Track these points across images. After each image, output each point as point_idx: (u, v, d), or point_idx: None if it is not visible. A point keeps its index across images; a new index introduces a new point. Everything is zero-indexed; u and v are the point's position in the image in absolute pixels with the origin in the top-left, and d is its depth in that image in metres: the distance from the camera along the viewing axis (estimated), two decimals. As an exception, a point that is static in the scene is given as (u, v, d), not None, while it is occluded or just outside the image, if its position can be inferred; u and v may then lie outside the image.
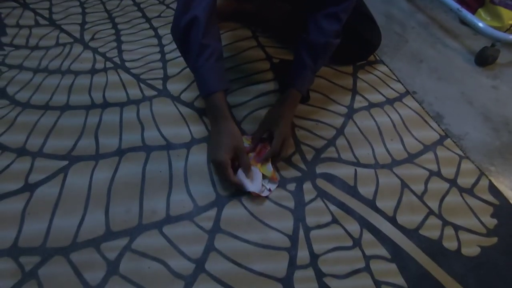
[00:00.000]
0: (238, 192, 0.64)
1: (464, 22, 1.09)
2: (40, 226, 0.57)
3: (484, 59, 0.96)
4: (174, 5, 1.06)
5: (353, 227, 0.62)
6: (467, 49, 1.03)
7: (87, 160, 0.67)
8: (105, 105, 0.77)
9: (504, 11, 1.00)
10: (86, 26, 0.96)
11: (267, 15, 0.99)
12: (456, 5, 1.01)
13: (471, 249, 0.60)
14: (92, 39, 0.92)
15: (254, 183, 0.63)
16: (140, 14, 1.02)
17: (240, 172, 0.63)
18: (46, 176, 0.64)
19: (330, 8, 0.68)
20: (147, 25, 0.99)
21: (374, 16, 0.90)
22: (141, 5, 1.05)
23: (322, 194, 0.66)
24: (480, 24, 0.95)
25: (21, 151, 0.67)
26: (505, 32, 1.00)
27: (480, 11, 1.07)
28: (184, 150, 0.70)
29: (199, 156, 0.70)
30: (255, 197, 0.63)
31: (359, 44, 0.89)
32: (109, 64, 0.86)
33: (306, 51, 0.70)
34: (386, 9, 1.16)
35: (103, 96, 0.79)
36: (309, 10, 0.71)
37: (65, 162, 0.66)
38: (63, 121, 0.73)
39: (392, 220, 0.63)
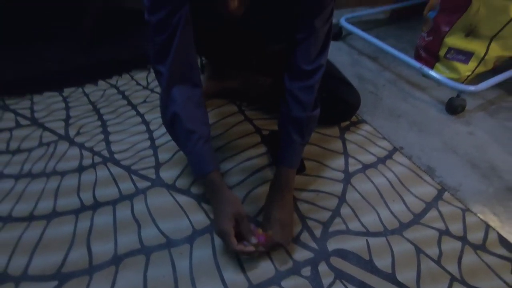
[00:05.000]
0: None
1: (426, 76, 1.20)
2: None
3: (454, 109, 1.04)
4: (159, 88, 1.10)
5: (381, 310, 0.57)
6: (435, 99, 1.12)
7: (79, 276, 0.60)
8: (96, 205, 0.72)
9: (458, 65, 1.12)
10: (71, 121, 0.95)
11: (251, 89, 1.04)
12: (417, 64, 1.12)
13: (504, 316, 0.57)
14: (78, 134, 0.91)
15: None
16: (125, 102, 1.04)
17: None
18: (32, 306, 0.56)
19: (307, 80, 0.70)
20: (133, 112, 1.00)
21: (348, 78, 0.97)
22: (126, 93, 1.07)
23: (340, 275, 0.62)
24: (443, 79, 1.05)
25: (2, 278, 0.59)
26: (463, 82, 1.11)
27: (438, 65, 1.19)
28: (187, 245, 0.66)
29: (203, 251, 0.65)
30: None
31: (341, 107, 0.94)
32: (97, 159, 0.83)
33: (292, 128, 0.71)
34: (356, 71, 1.27)
35: (93, 195, 0.74)
36: (287, 79, 0.73)
37: (54, 283, 0.59)
38: (50, 232, 0.67)
39: (418, 295, 0.60)
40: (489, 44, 1.06)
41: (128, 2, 1.40)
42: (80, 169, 0.80)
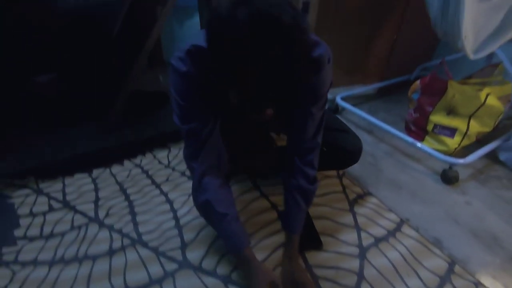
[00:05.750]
0: None
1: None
2: None
3: (448, 180, 1.15)
4: (179, 167, 1.19)
5: None
6: (431, 170, 1.24)
7: None
8: (128, 291, 0.75)
9: (445, 139, 1.27)
10: (100, 203, 1.01)
11: (262, 165, 1.15)
12: (410, 140, 1.26)
13: None
14: (107, 215, 0.97)
15: None
16: (149, 181, 1.12)
17: None
18: None
19: (307, 156, 0.80)
20: (157, 191, 1.07)
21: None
22: (149, 172, 1.17)
23: None
24: (435, 154, 1.18)
25: None
26: (452, 153, 1.24)
27: (428, 138, 1.34)
28: (218, 333, 0.68)
29: (234, 338, 0.67)
30: None
31: (342, 156, 1.01)
32: (126, 241, 0.88)
33: (301, 197, 0.80)
34: (355, 143, 1.40)
35: (124, 281, 0.77)
36: (291, 152, 0.82)
37: None
38: (84, 323, 0.68)
39: None
40: (468, 122, 1.22)
41: (148, 85, 1.59)
42: (111, 252, 0.85)
